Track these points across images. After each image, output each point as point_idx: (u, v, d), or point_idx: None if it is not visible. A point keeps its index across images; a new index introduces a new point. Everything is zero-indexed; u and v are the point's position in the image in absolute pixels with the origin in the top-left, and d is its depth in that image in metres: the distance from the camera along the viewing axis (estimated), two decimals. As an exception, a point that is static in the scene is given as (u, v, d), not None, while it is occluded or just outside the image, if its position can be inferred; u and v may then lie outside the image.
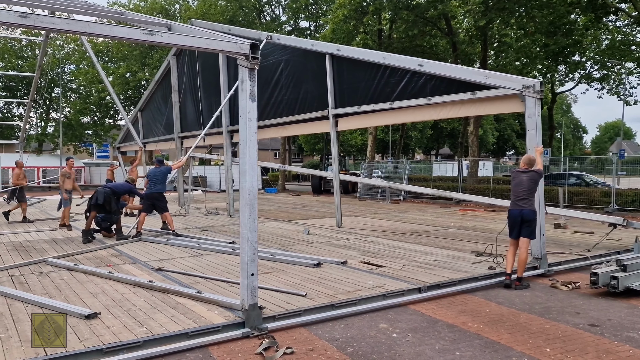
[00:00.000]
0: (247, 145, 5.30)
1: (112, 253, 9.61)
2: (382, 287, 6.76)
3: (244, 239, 5.35)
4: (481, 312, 6.05)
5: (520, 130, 67.59)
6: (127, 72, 42.17)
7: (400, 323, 5.65)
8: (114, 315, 5.61)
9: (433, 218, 15.62)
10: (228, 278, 7.33)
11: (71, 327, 5.18)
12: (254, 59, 5.25)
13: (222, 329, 5.23)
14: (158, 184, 11.31)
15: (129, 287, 6.87)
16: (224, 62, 15.72)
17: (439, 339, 5.12)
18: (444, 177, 36.40)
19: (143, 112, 23.12)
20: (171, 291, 6.52)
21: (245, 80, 5.30)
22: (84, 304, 6.03)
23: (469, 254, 9.19)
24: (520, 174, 7.43)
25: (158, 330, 5.08)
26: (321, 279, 7.33)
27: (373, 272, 7.72)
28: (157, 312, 5.69)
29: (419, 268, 8.01)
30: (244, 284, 5.33)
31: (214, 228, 13.31)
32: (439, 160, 66.46)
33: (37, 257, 9.14)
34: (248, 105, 5.29)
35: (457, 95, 9.16)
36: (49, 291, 6.67)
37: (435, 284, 6.96)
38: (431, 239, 11.18)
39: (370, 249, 9.81)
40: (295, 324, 5.56)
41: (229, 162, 15.92)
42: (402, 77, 10.25)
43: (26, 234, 12.32)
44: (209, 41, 5.03)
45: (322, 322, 5.68)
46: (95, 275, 7.54)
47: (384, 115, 10.92)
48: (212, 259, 8.96)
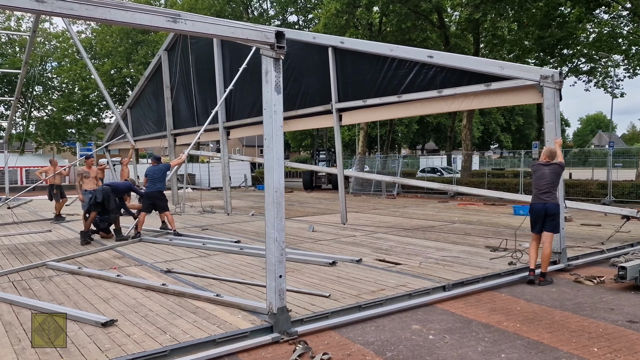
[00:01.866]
0: (273, 139, 5.00)
1: (114, 255, 9.24)
2: (406, 286, 6.53)
3: (270, 239, 5.07)
4: (513, 310, 5.85)
5: (504, 124, 68.05)
6: (112, 69, 41.32)
7: (432, 324, 5.42)
8: (132, 321, 5.29)
9: (434, 213, 15.45)
10: (243, 279, 7.04)
11: (89, 337, 4.85)
12: (280, 48, 4.96)
13: (250, 334, 4.94)
14: (158, 183, 10.94)
15: (140, 290, 6.54)
16: (219, 57, 15.35)
17: (479, 340, 4.90)
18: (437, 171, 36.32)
19: (132, 109, 22.59)
20: (187, 295, 6.21)
21: (269, 71, 5.00)
22: (96, 311, 5.69)
23: (484, 250, 9.01)
24: (542, 166, 7.24)
25: (182, 338, 4.78)
26: (340, 278, 7.08)
27: (392, 270, 7.48)
28: (177, 318, 5.38)
29: (437, 265, 7.79)
30: (271, 286, 5.05)
31: (213, 227, 12.97)
32: (425, 155, 66.60)
33: (36, 260, 8.74)
34: (274, 98, 4.99)
35: (469, 87, 8.95)
36: (56, 297, 6.31)
37: (459, 281, 6.75)
38: (440, 234, 10.99)
39: (381, 246, 9.58)
40: (324, 327, 5.29)
41: (226, 159, 15.56)
42: (410, 69, 10.01)
43: (19, 236, 11.85)
44: (234, 29, 4.72)
45: (351, 325, 5.42)
46: (103, 279, 7.19)
47: (392, 109, 10.67)
48: (220, 259, 8.64)
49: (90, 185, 12.24)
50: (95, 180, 12.47)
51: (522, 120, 70.20)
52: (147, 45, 40.55)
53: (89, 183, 12.25)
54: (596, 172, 30.43)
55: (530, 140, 73.32)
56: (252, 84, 14.18)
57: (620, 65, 30.69)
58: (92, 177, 12.46)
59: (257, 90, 14.10)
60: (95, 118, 46.84)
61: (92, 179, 12.46)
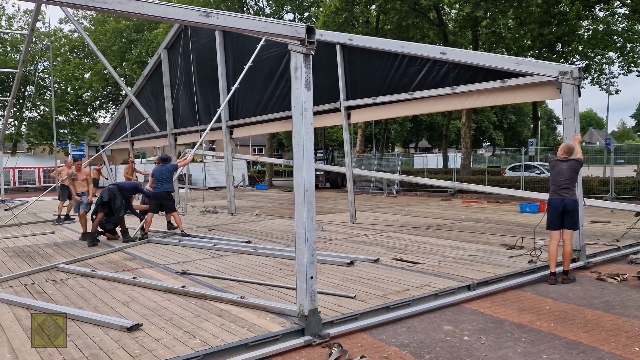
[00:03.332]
0: (303, 137, 4.88)
1: (124, 256, 9.07)
2: (430, 286, 6.43)
3: (301, 240, 4.94)
4: (542, 310, 5.76)
5: (496, 122, 68.19)
6: (106, 68, 40.81)
7: (463, 324, 5.32)
8: (157, 325, 5.14)
9: (440, 211, 15.38)
10: (262, 280, 6.90)
11: (115, 342, 4.70)
12: (310, 43, 4.84)
13: (282, 337, 4.81)
14: (165, 183, 10.76)
15: (159, 293, 6.38)
16: (222, 55, 15.17)
17: (516, 341, 4.80)
18: (435, 169, 36.33)
19: (130, 108, 22.32)
20: (209, 297, 6.06)
21: (299, 67, 4.88)
22: (118, 314, 5.54)
23: (500, 248, 8.93)
24: (560, 162, 7.16)
25: (213, 342, 4.64)
26: (361, 278, 6.97)
27: (412, 270, 7.38)
28: (203, 321, 5.24)
29: (456, 264, 7.70)
30: (302, 288, 4.92)
31: (220, 227, 12.82)
32: (418, 153, 66.61)
33: (44, 263, 8.55)
34: (304, 94, 4.87)
35: (484, 83, 8.87)
36: (73, 301, 6.14)
37: (482, 280, 6.66)
38: (451, 232, 10.91)
39: (395, 245, 9.48)
40: (355, 328, 5.18)
41: (229, 158, 15.39)
42: (422, 66, 9.91)
43: (22, 238, 11.63)
44: (266, 24, 4.60)
45: (381, 326, 5.31)
46: (118, 282, 7.02)
47: (402, 107, 10.56)
48: (234, 260, 8.50)
49: (82, 188, 12.14)
50: (86, 183, 12.27)
51: (514, 118, 70.42)
52: (142, 44, 40.20)
53: (80, 185, 12.13)
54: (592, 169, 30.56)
55: (522, 137, 73.69)
56: (256, 82, 14.03)
57: (615, 63, 30.86)
58: (80, 180, 12.22)
59: (261, 88, 13.97)
60: (89, 118, 46.38)
61: (83, 181, 12.24)
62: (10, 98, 20.21)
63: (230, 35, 14.93)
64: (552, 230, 7.09)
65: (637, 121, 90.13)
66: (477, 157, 61.64)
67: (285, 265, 7.88)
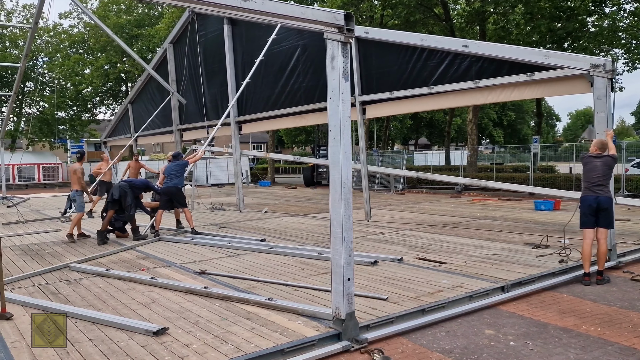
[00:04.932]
0: (340, 131, 4.60)
1: (136, 255, 8.79)
2: (463, 287, 6.17)
3: (337, 239, 4.68)
4: (584, 312, 5.51)
5: (496, 120, 67.96)
6: (107, 64, 40.47)
7: (505, 328, 5.06)
8: (184, 329, 4.87)
9: (452, 209, 15.12)
10: (285, 281, 6.63)
11: (143, 347, 4.43)
12: (349, 31, 4.55)
13: (318, 342, 4.55)
14: (175, 178, 10.49)
15: (180, 294, 6.11)
16: (230, 50, 14.85)
17: (566, 346, 4.55)
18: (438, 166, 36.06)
19: (134, 104, 22.01)
20: (234, 298, 5.79)
21: (337, 57, 4.59)
22: (140, 317, 5.27)
23: (524, 247, 8.67)
24: (593, 159, 6.89)
25: (246, 348, 4.38)
26: (388, 278, 6.70)
27: (439, 270, 7.12)
28: (232, 325, 4.97)
29: (483, 263, 7.45)
30: (338, 290, 4.66)
31: (230, 224, 12.54)
32: (418, 150, 66.40)
33: (54, 261, 8.28)
34: (341, 85, 4.57)
35: (509, 77, 8.59)
36: (91, 302, 5.87)
37: (516, 281, 6.40)
38: (470, 230, 10.65)
39: (415, 244, 9.22)
40: (392, 333, 4.92)
41: (238, 155, 15.09)
42: (442, 59, 9.63)
43: (29, 236, 11.34)
44: (304, 10, 4.33)
45: (419, 330, 5.05)
46: (135, 282, 6.74)
47: (421, 101, 10.29)
48: (251, 259, 8.23)
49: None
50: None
51: (514, 116, 70.18)
52: (143, 39, 39.80)
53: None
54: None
55: (521, 135, 73.49)
56: (266, 77, 13.73)
57: (620, 59, 30.60)
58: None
59: (272, 83, 13.68)
60: (89, 114, 45.95)
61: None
62: (12, 93, 19.85)
63: (239, 29, 14.63)
64: (586, 229, 6.82)
65: (637, 119, 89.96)
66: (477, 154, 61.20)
67: (306, 265, 7.61)
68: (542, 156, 32.08)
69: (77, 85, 41.08)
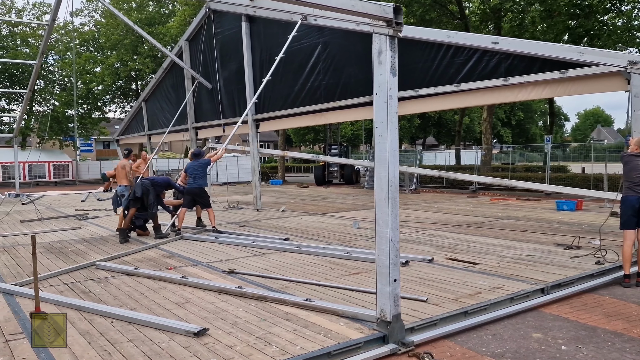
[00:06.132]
0: (387, 127, 4.48)
1: (161, 254, 8.70)
2: (502, 288, 6.02)
3: (383, 239, 4.55)
4: (630, 315, 5.35)
5: (505, 119, 67.54)
6: (117, 62, 40.47)
7: (552, 331, 4.92)
8: (224, 330, 4.76)
9: (472, 208, 14.96)
10: (318, 281, 6.51)
11: (185, 349, 4.32)
12: (397, 24, 4.43)
13: (364, 345, 4.43)
14: (199, 179, 10.39)
15: (213, 294, 6.00)
16: (248, 47, 14.74)
17: (621, 351, 4.40)
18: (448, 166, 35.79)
19: (147, 102, 21.98)
20: (269, 298, 5.67)
21: (384, 51, 4.47)
22: (176, 317, 5.16)
23: (555, 247, 8.51)
24: (635, 158, 6.70)
25: (292, 350, 4.26)
26: (422, 279, 6.57)
27: (473, 271, 6.98)
28: (272, 326, 4.85)
29: (517, 264, 7.29)
30: (384, 291, 4.53)
31: (249, 223, 12.44)
32: (426, 149, 65.99)
33: (79, 259, 8.21)
34: (389, 80, 4.46)
35: (541, 74, 8.43)
36: (124, 302, 5.76)
37: (555, 283, 6.24)
38: (495, 230, 10.49)
39: (441, 244, 9.07)
40: (437, 335, 4.78)
41: (256, 153, 14.99)
42: (469, 56, 9.47)
43: (49, 234, 11.29)
44: (354, 2, 4.20)
45: (464, 333, 4.92)
46: (165, 281, 6.64)
47: (447, 99, 10.13)
48: (278, 258, 8.11)
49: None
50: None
51: (522, 115, 69.71)
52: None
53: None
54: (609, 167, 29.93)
55: (530, 134, 73.01)
56: (285, 74, 13.61)
57: (634, 59, 30.22)
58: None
59: (291, 81, 13.56)
60: (99, 112, 45.98)
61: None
62: (27, 91, 19.82)
63: (257, 27, 14.52)
64: (627, 230, 6.65)
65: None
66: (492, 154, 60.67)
67: (336, 265, 7.48)
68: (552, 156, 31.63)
69: (88, 83, 41.13)
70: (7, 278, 7.02)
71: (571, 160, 46.71)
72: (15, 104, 44.68)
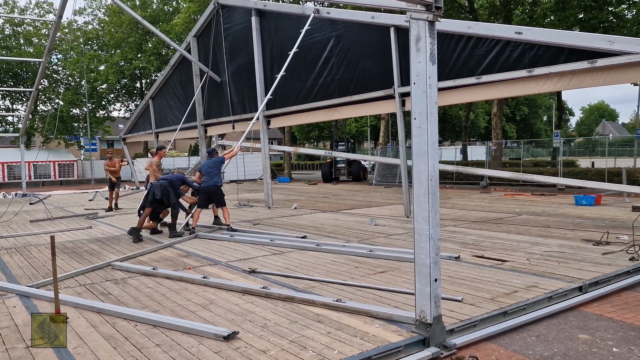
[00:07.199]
0: (427, 119, 4.23)
1: (177, 253, 8.47)
2: (537, 287, 5.77)
3: (423, 236, 4.32)
4: (677, 314, 5.10)
5: (509, 114, 67.08)
6: (122, 60, 40.24)
7: (599, 332, 4.67)
8: (254, 333, 4.53)
9: (487, 204, 14.69)
10: (343, 280, 6.28)
11: (216, 354, 4.09)
12: (437, 9, 4.17)
13: (404, 348, 4.19)
14: (214, 177, 10.19)
15: (236, 295, 5.78)
16: (259, 42, 14.48)
17: (678, 353, 4.15)
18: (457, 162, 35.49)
19: (155, 99, 21.76)
20: (297, 299, 5.44)
21: (422, 37, 4.22)
22: (202, 319, 4.94)
23: (584, 244, 8.24)
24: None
25: (329, 354, 4.02)
26: (452, 277, 6.32)
27: (503, 268, 6.73)
28: (304, 328, 4.62)
29: (548, 262, 7.04)
30: (424, 292, 4.29)
31: (262, 221, 12.20)
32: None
33: (94, 260, 7.99)
34: (428, 69, 4.20)
35: (568, 65, 8.15)
36: (145, 303, 5.54)
37: (593, 280, 5.99)
38: (517, 227, 10.23)
39: (464, 240, 8.82)
40: (479, 338, 4.54)
41: (267, 150, 14.75)
42: (490, 47, 9.20)
43: (60, 233, 11.07)
44: (394, -14, 3.94)
45: (505, 334, 4.68)
46: (186, 282, 6.42)
47: (467, 92, 9.86)
48: (299, 257, 7.88)
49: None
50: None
51: (527, 110, 69.25)
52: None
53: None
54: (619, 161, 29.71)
55: (535, 130, 72.55)
56: (297, 69, 13.35)
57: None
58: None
59: (303, 76, 13.31)
60: (104, 111, 45.78)
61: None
62: (34, 89, 19.64)
63: (267, 21, 14.26)
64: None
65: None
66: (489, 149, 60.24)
67: (360, 264, 7.24)
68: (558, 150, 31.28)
69: (92, 82, 40.92)
70: (21, 279, 6.81)
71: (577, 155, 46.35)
72: (19, 103, 44.52)
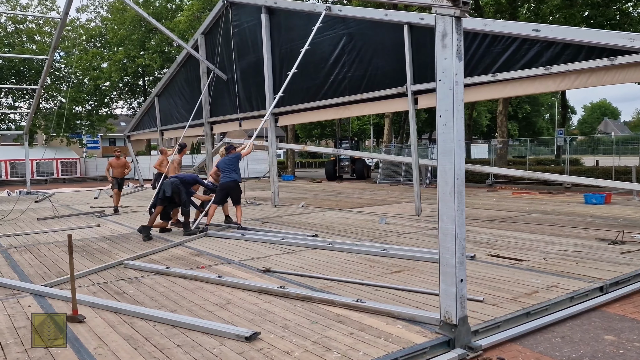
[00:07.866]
0: (454, 116, 4.16)
1: (189, 252, 8.42)
2: (558, 287, 5.71)
3: (448, 236, 4.25)
4: (702, 315, 5.03)
5: (511, 112, 66.85)
6: (125, 58, 40.15)
7: (624, 333, 4.61)
8: (275, 334, 4.46)
9: (496, 202, 14.62)
10: (360, 280, 6.21)
11: (239, 355, 4.03)
12: (465, 4, 4.09)
13: (429, 350, 4.12)
14: (233, 173, 10.19)
15: (253, 294, 5.71)
16: (268, 40, 14.40)
17: None
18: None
19: (160, 97, 21.69)
20: (315, 299, 5.37)
21: (449, 33, 4.14)
22: (221, 320, 4.87)
23: (599, 243, 8.17)
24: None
25: (355, 356, 3.96)
26: (470, 277, 6.20)
27: (521, 268, 6.66)
28: (326, 329, 4.56)
29: (565, 261, 6.97)
30: (450, 292, 4.22)
31: (271, 219, 12.15)
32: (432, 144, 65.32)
33: (105, 258, 7.94)
34: (455, 66, 4.12)
35: (586, 62, 8.06)
36: (161, 303, 5.48)
37: (613, 280, 5.92)
38: (529, 225, 10.16)
39: (477, 239, 8.75)
40: (504, 339, 4.48)
41: (274, 148, 14.68)
42: (507, 45, 9.11)
43: (69, 231, 11.01)
44: (422, -20, 3.87)
45: (529, 335, 4.61)
46: (201, 281, 6.36)
47: (483, 90, 9.77)
48: (312, 255, 7.81)
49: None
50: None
51: (529, 108, 69.07)
52: (161, 33, 39.37)
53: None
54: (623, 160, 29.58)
55: (536, 128, 72.39)
56: (306, 67, 13.26)
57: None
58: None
59: (313, 74, 13.24)
60: (107, 109, 45.71)
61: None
62: (39, 87, 19.57)
63: (277, 19, 14.17)
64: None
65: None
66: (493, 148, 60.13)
67: (375, 262, 7.18)
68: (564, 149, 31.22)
69: (95, 80, 40.85)
70: (34, 279, 6.75)
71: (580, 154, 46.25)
72: (21, 101, 44.46)
